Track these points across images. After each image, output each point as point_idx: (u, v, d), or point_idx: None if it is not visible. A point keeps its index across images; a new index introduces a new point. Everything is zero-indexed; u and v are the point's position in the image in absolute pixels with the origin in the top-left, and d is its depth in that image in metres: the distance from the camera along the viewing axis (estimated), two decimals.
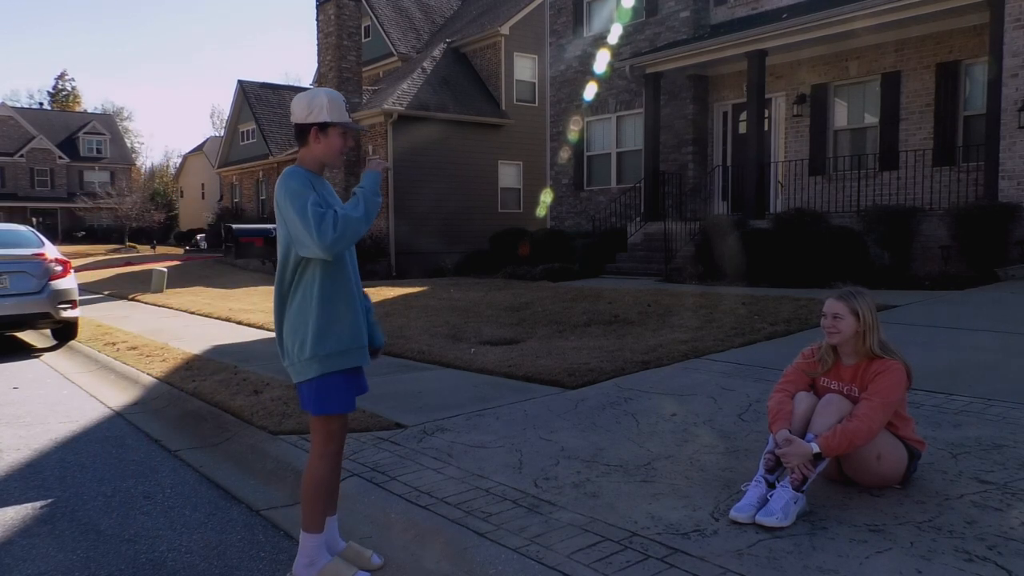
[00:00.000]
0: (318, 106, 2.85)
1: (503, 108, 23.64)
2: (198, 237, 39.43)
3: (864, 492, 3.28)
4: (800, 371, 3.48)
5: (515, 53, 23.86)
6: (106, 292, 16.90)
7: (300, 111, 2.87)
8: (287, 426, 4.88)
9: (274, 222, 3.11)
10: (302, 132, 2.87)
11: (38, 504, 3.97)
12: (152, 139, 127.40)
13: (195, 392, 6.07)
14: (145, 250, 38.61)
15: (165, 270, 17.12)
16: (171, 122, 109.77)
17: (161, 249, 39.06)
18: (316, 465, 2.92)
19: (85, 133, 58.51)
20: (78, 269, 14.67)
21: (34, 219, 47.43)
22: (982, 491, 3.22)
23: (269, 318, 10.55)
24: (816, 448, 3.08)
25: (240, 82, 36.92)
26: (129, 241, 44.04)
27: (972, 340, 6.45)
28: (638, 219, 15.76)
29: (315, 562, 2.90)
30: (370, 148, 22.13)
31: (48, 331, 9.90)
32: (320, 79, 23.90)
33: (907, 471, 3.30)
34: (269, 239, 5.89)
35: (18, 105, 64.68)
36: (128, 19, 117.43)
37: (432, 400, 5.43)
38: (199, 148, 54.54)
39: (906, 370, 3.27)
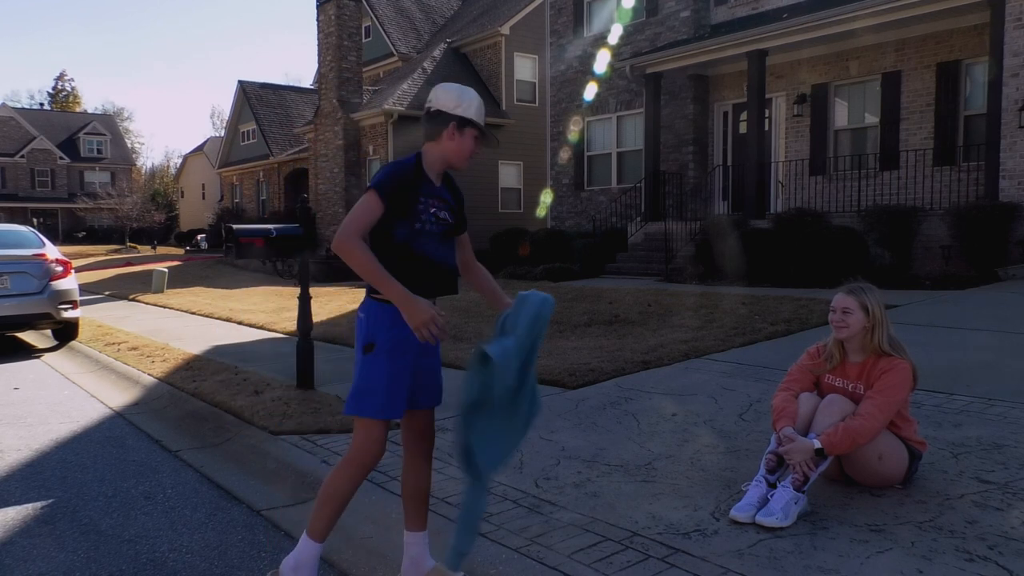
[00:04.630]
0: (469, 102, 2.67)
1: (503, 108, 23.64)
2: (198, 237, 39.43)
3: (865, 492, 3.28)
4: (805, 370, 3.47)
5: (515, 53, 23.86)
6: (107, 292, 16.91)
7: (448, 100, 2.66)
8: (287, 426, 4.88)
9: (274, 222, 3.03)
10: (438, 123, 2.65)
11: (39, 504, 3.97)
12: (152, 139, 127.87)
13: (196, 392, 6.07)
14: (146, 250, 38.63)
15: (165, 270, 17.14)
16: (171, 122, 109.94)
17: (162, 249, 39.07)
18: (336, 472, 2.66)
19: (85, 134, 58.54)
20: (79, 269, 14.68)
21: (35, 219, 47.48)
22: (983, 491, 3.22)
23: (270, 318, 10.56)
24: (818, 444, 3.08)
25: (240, 82, 36.95)
26: (130, 241, 44.04)
27: (973, 340, 6.44)
28: (638, 219, 15.76)
29: (299, 568, 2.68)
30: (370, 148, 22.14)
31: (49, 331, 9.90)
32: (320, 79, 23.91)
33: (908, 471, 3.29)
34: (270, 239, 5.87)
35: (18, 106, 64.73)
36: (127, 19, 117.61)
37: None
38: (199, 148, 54.55)
39: (912, 370, 3.26)
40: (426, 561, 2.83)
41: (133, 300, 15.09)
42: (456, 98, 2.67)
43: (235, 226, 5.87)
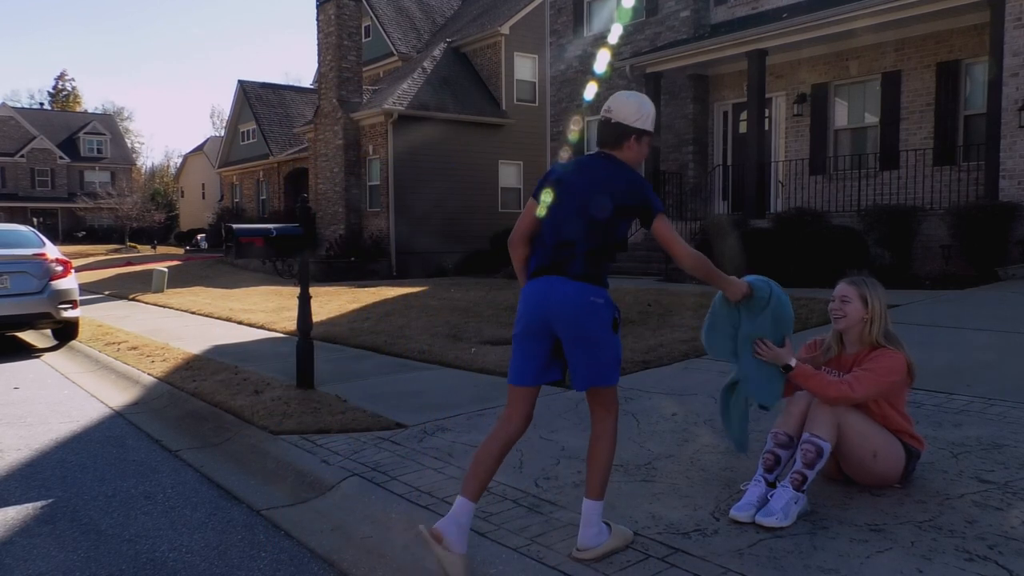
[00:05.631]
0: (647, 114, 2.93)
1: (503, 108, 23.64)
2: (198, 237, 39.44)
3: (865, 492, 3.28)
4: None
5: (515, 53, 23.85)
6: (107, 292, 16.91)
7: (630, 113, 2.91)
8: (287, 426, 4.88)
9: (274, 222, 3.05)
10: (621, 134, 2.91)
11: (39, 504, 3.97)
12: (152, 139, 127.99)
13: (196, 392, 6.07)
14: (146, 250, 38.64)
15: (165, 270, 17.13)
16: (171, 122, 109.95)
17: (161, 249, 39.08)
18: (607, 436, 2.91)
19: (85, 133, 58.53)
20: (79, 269, 14.68)
21: (35, 219, 47.44)
22: (983, 490, 3.22)
23: (270, 318, 10.56)
24: (793, 362, 3.21)
25: (240, 82, 36.92)
26: (130, 241, 44.07)
27: (973, 339, 6.44)
28: None
29: (600, 526, 2.86)
30: (370, 148, 22.14)
31: (49, 331, 9.90)
32: (320, 79, 23.90)
33: (906, 470, 3.29)
34: (270, 239, 5.88)
35: (18, 105, 64.72)
36: (128, 19, 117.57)
37: (433, 400, 5.43)
38: (199, 148, 54.56)
39: (907, 362, 3.25)
40: (464, 540, 2.80)
41: (133, 300, 15.08)
42: (636, 111, 2.91)
43: (235, 226, 5.87)
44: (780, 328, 3.27)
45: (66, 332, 9.52)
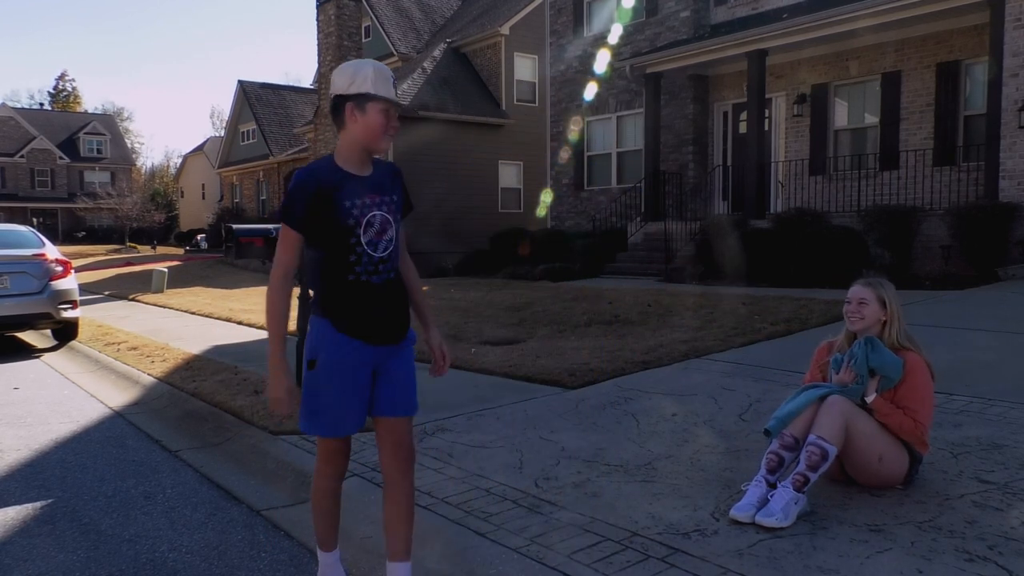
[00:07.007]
0: (365, 74, 2.39)
1: (503, 108, 23.63)
2: (198, 237, 39.43)
3: (865, 492, 3.28)
4: (816, 369, 3.49)
5: (515, 53, 23.85)
6: (106, 292, 16.91)
7: (342, 82, 2.42)
8: (287, 426, 4.87)
9: (274, 222, 2.99)
10: (338, 107, 2.43)
11: (39, 504, 3.97)
12: (152, 139, 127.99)
13: (195, 392, 6.07)
14: (145, 250, 38.62)
15: (165, 270, 17.13)
16: (171, 122, 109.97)
17: (161, 249, 39.07)
18: (312, 485, 2.74)
19: (85, 133, 58.52)
20: (78, 269, 14.68)
21: (35, 219, 47.44)
22: (982, 491, 3.22)
23: None
24: (871, 398, 3.21)
25: (240, 82, 36.96)
26: (129, 241, 44.03)
27: (973, 340, 6.44)
28: (638, 219, 15.76)
29: None
30: None
31: (49, 331, 9.89)
32: (320, 79, 23.88)
33: (909, 473, 3.29)
34: (269, 239, 5.87)
35: (18, 105, 64.71)
36: (128, 19, 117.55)
37: (432, 400, 5.42)
38: (199, 148, 54.56)
39: (927, 366, 3.29)
40: None
41: (133, 300, 15.08)
42: (350, 76, 2.42)
43: (235, 226, 5.87)
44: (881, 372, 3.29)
45: (66, 332, 9.52)
